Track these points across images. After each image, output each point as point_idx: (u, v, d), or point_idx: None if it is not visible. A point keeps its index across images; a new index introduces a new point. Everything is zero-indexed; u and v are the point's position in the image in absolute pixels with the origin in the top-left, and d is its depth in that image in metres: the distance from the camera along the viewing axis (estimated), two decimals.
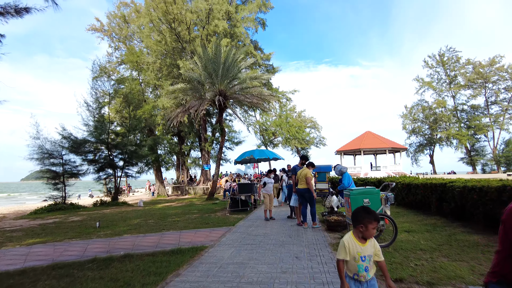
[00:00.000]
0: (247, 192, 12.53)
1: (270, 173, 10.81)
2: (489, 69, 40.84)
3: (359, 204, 5.94)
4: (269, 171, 10.65)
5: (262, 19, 27.00)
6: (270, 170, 10.59)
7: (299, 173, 8.37)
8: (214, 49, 19.61)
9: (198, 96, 19.49)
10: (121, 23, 29.41)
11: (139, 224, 11.42)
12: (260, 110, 32.97)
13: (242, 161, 15.45)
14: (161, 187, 28.66)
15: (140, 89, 25.88)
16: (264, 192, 10.10)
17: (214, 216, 12.33)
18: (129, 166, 21.43)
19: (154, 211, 16.26)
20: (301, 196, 8.31)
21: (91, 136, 19.64)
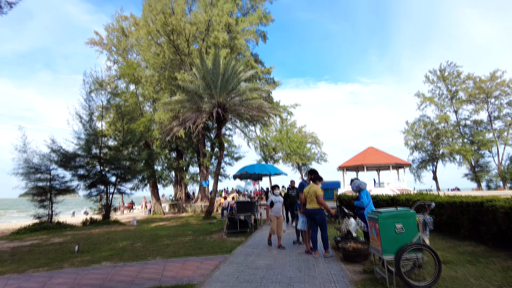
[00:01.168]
0: (246, 212, 11.06)
1: (275, 189, 8.53)
2: (491, 83, 39.91)
3: (390, 231, 4.53)
4: (273, 187, 8.85)
5: (263, 31, 26.21)
6: (274, 186, 8.82)
7: (307, 190, 6.98)
8: (213, 59, 18.54)
9: (195, 108, 18.25)
10: (120, 36, 28.56)
11: (124, 248, 9.92)
12: (260, 124, 31.87)
13: (242, 175, 14.01)
14: (157, 205, 27.06)
15: (137, 101, 24.69)
16: (272, 214, 8.09)
17: (209, 240, 10.82)
18: (122, 182, 19.95)
19: (145, 231, 14.72)
20: (310, 218, 6.88)
21: (82, 150, 18.28)
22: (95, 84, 19.45)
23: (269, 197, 8.44)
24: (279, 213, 8.08)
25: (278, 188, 8.57)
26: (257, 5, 25.94)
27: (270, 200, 8.22)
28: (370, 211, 5.19)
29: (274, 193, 8.27)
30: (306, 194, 6.96)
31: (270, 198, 8.26)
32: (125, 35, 28.73)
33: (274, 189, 8.41)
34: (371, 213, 4.93)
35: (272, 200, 8.20)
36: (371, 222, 4.90)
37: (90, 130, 18.99)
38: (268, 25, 25.84)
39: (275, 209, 8.11)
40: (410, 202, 10.57)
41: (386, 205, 11.84)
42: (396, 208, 4.78)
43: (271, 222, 8.19)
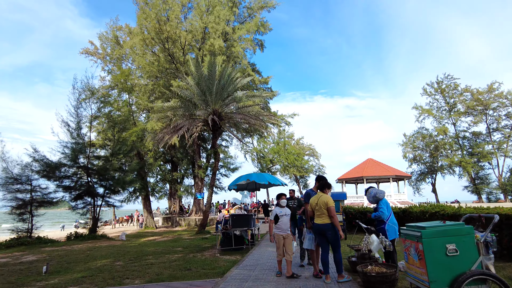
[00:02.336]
0: (242, 226, 9.67)
1: (280, 198, 6.59)
2: (488, 95, 39.22)
3: (439, 253, 3.24)
4: (279, 195, 6.84)
5: (260, 40, 25.29)
6: (280, 194, 7.03)
7: (315, 200, 5.68)
8: (208, 65, 17.45)
9: (188, 115, 17.02)
10: (114, 45, 27.57)
11: (102, 268, 8.47)
12: (257, 135, 30.68)
13: (237, 187, 12.58)
14: (150, 218, 25.44)
15: (129, 110, 23.43)
16: (278, 232, 6.15)
17: (200, 258, 9.39)
18: (110, 194, 18.47)
19: (132, 247, 13.22)
20: (320, 235, 5.55)
21: (67, 159, 16.89)
22: (85, 90, 18.22)
23: (272, 209, 6.53)
24: (287, 230, 6.16)
25: (285, 197, 6.81)
26: (254, 14, 25.15)
27: (273, 214, 6.19)
28: (406, 226, 3.89)
29: (280, 204, 6.41)
30: (314, 205, 5.66)
31: (273, 211, 6.25)
32: (119, 43, 27.75)
33: (279, 199, 6.61)
34: (409, 229, 3.63)
35: (276, 213, 6.18)
36: (409, 241, 3.60)
37: (78, 139, 17.66)
38: (266, 34, 25.01)
39: (281, 224, 6.14)
40: (426, 214, 9.27)
41: (397, 218, 10.51)
42: (443, 222, 3.48)
43: (276, 243, 6.17)
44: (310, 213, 5.81)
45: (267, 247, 10.12)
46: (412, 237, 3.52)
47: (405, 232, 3.73)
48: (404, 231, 3.76)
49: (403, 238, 3.78)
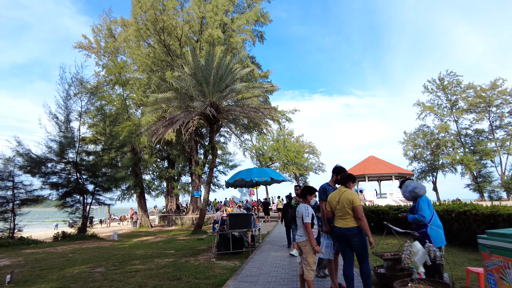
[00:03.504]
0: (241, 227, 8.37)
1: (312, 194, 4.72)
2: (491, 92, 38.00)
3: None
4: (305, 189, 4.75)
5: (260, 31, 23.96)
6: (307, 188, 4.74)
7: (335, 197, 4.38)
8: (206, 55, 16.15)
9: (184, 107, 15.71)
10: (108, 37, 26.19)
11: (77, 276, 7.17)
12: (257, 131, 29.35)
13: (236, 182, 11.24)
14: (145, 217, 24.11)
15: (123, 104, 22.09)
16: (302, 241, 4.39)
17: (193, 263, 8.09)
18: (101, 191, 17.14)
19: (120, 249, 11.92)
20: (342, 241, 4.25)
21: (54, 154, 15.55)
22: (75, 81, 16.85)
23: (305, 210, 4.37)
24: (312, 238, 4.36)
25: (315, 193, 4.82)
26: (253, 4, 23.81)
27: (310, 214, 4.32)
28: (489, 234, 2.59)
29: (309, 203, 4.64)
30: (334, 204, 4.35)
31: (309, 211, 4.36)
32: (113, 36, 26.38)
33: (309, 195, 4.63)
34: (502, 239, 2.32)
35: (313, 214, 4.42)
36: (503, 258, 2.30)
37: (67, 132, 16.31)
38: (266, 25, 23.69)
39: (316, 230, 4.50)
40: (452, 214, 7.99)
41: None
42: None
43: (306, 257, 4.28)
44: (329, 213, 4.50)
45: (270, 251, 8.82)
46: (507, 252, 2.24)
47: (491, 243, 2.45)
48: (489, 242, 2.48)
49: (485, 253, 2.51)
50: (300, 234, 4.47)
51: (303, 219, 4.42)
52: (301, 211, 4.48)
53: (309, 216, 4.39)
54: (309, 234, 4.32)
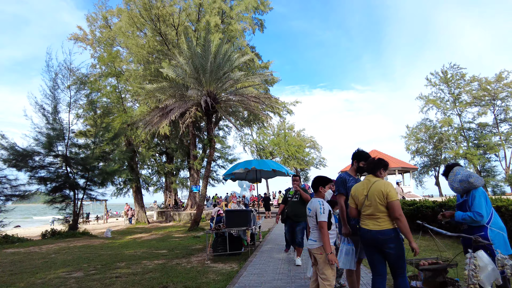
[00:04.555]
0: (240, 225, 7.26)
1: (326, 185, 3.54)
2: (496, 85, 36.73)
3: None
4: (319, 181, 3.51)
5: (260, 19, 22.69)
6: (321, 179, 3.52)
7: (361, 189, 3.25)
8: (202, 41, 14.96)
9: (179, 95, 14.56)
10: (103, 27, 24.92)
11: (49, 283, 6.11)
12: (257, 125, 28.20)
13: (235, 175, 10.06)
14: (141, 212, 23.04)
15: (117, 96, 20.93)
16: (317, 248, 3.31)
17: (184, 266, 7.01)
18: (92, 186, 16.05)
19: (109, 248, 10.84)
20: (372, 247, 3.13)
21: (41, 147, 14.44)
22: (62, 69, 15.67)
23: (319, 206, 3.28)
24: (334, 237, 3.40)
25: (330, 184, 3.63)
26: None
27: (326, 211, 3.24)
28: None
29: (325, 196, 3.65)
30: (360, 199, 3.22)
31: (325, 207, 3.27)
32: (109, 27, 25.11)
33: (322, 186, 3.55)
34: None
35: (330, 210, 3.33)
36: None
37: (55, 124, 15.18)
38: (266, 13, 22.44)
39: (334, 232, 3.44)
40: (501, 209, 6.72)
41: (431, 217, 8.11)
42: None
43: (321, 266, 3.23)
44: (353, 211, 3.37)
45: (272, 252, 7.72)
46: None
47: None
48: None
49: None
50: (314, 238, 3.35)
51: (316, 217, 3.30)
52: (314, 207, 3.35)
53: (325, 213, 3.27)
54: (324, 237, 3.19)
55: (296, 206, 6.43)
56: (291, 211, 6.46)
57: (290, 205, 6.51)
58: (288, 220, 6.59)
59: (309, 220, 3.50)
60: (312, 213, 3.38)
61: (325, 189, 3.52)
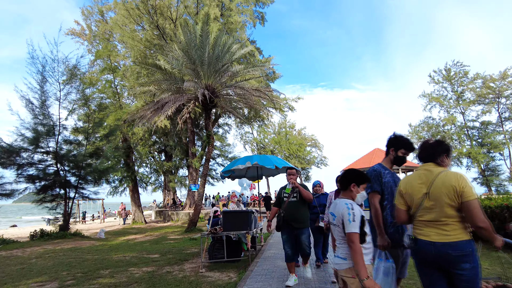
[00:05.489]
0: (239, 228, 6.27)
1: (362, 182, 2.51)
2: (501, 82, 35.71)
3: None
4: (355, 175, 2.51)
5: (261, 12, 21.68)
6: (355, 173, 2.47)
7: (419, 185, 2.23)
8: (200, 30, 13.97)
9: (174, 89, 13.57)
10: (98, 21, 23.93)
11: None
12: (258, 122, 27.22)
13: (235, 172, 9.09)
14: (138, 212, 22.04)
15: (112, 90, 19.93)
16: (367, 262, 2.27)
17: (176, 275, 6.03)
18: (84, 184, 15.06)
19: (96, 252, 9.85)
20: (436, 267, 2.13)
21: (28, 143, 13.46)
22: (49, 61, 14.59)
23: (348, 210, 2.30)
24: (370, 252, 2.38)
25: (368, 180, 2.58)
26: None
27: (358, 219, 2.25)
28: None
29: (356, 198, 2.53)
30: (416, 197, 2.22)
31: (356, 214, 2.26)
32: (106, 21, 24.12)
33: (354, 182, 2.50)
34: None
35: (363, 216, 2.30)
36: None
37: (43, 119, 14.19)
38: (267, 6, 21.44)
39: (369, 244, 2.37)
40: None
41: None
42: None
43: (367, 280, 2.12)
44: (402, 215, 2.36)
45: (276, 259, 6.71)
46: None
47: None
48: None
49: None
50: (343, 255, 2.35)
51: (344, 226, 2.30)
52: (340, 212, 2.36)
53: (356, 221, 2.27)
54: (356, 255, 2.19)
55: (296, 207, 4.82)
56: (289, 215, 4.80)
57: (288, 207, 4.84)
58: (286, 226, 4.84)
59: (333, 229, 2.51)
60: (338, 221, 2.38)
61: (359, 189, 2.52)
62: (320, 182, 5.84)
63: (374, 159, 30.58)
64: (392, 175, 2.90)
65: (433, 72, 40.65)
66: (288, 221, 4.80)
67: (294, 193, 4.85)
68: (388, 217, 2.77)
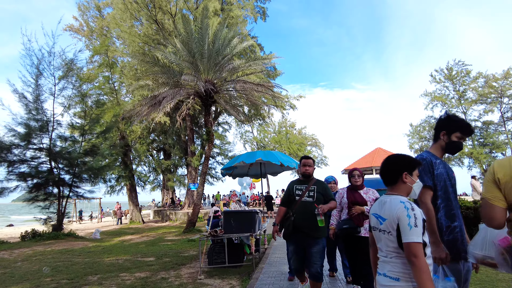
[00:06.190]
0: (242, 230, 5.60)
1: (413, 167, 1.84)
2: (504, 82, 35.12)
3: None
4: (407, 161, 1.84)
5: (263, 7, 21.01)
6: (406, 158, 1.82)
7: None
8: (200, 22, 13.32)
9: (173, 83, 12.90)
10: (95, 17, 23.24)
11: None
12: (258, 120, 26.57)
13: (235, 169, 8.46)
14: (136, 211, 21.34)
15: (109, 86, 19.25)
16: None
17: (171, 283, 5.36)
18: (78, 183, 14.38)
19: (88, 254, 9.15)
20: None
21: (19, 139, 12.78)
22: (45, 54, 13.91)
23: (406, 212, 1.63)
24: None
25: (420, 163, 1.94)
26: None
27: (418, 221, 1.60)
28: None
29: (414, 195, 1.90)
30: None
31: (415, 214, 1.60)
32: (101, 14, 23.43)
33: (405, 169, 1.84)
34: None
35: (423, 218, 1.64)
36: None
37: (37, 114, 13.50)
38: (268, 1, 20.77)
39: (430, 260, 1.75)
40: None
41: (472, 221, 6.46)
42: None
43: None
44: (498, 216, 1.63)
45: (282, 264, 6.03)
46: None
47: None
48: None
49: None
50: (395, 274, 1.69)
51: (400, 233, 1.64)
52: (395, 214, 1.71)
53: (419, 227, 1.61)
54: (422, 275, 1.54)
55: (311, 210, 3.51)
56: (302, 219, 3.58)
57: (300, 209, 3.62)
58: (296, 234, 3.64)
59: (377, 236, 1.84)
60: (389, 225, 1.72)
61: (412, 178, 1.85)
62: (334, 178, 5.04)
63: (376, 159, 29.94)
64: (444, 166, 2.24)
65: (434, 72, 40.02)
66: (299, 227, 3.58)
67: (310, 191, 3.64)
68: (442, 220, 2.11)
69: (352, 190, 4.00)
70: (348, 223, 3.77)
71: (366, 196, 3.91)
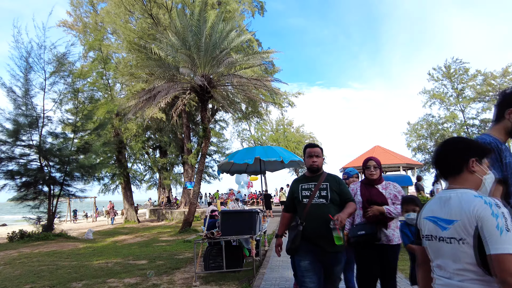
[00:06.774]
0: (241, 232, 5.05)
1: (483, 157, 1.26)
2: (502, 80, 34.87)
3: None
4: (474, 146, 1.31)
5: (261, 1, 20.38)
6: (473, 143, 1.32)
7: None
8: (197, 15, 12.73)
9: (169, 77, 12.32)
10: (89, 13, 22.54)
11: None
12: (256, 117, 26.06)
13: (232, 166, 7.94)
14: (131, 211, 20.71)
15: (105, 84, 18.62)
16: None
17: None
18: (70, 181, 13.75)
19: (76, 257, 8.56)
20: None
21: (6, 135, 12.14)
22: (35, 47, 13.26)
23: (490, 211, 1.14)
24: None
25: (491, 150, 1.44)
26: None
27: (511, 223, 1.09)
28: None
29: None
30: None
31: (504, 214, 1.09)
32: (95, 9, 22.72)
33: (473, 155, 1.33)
34: None
35: None
36: None
37: (26, 110, 12.86)
38: None
39: None
40: None
41: None
42: None
43: None
44: None
45: (285, 269, 5.48)
46: None
47: None
48: None
49: None
50: None
51: (483, 241, 1.10)
52: (475, 214, 1.21)
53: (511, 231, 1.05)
54: None
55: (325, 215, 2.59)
56: (314, 228, 2.64)
57: (311, 215, 2.68)
58: (308, 248, 2.67)
59: (435, 249, 1.31)
60: (460, 230, 1.19)
61: (483, 167, 1.32)
62: (357, 171, 4.17)
63: (375, 155, 29.41)
64: (510, 153, 1.70)
65: (432, 70, 39.74)
66: (311, 238, 2.64)
67: (322, 189, 2.73)
68: None
69: (367, 186, 3.08)
70: (364, 228, 2.90)
71: (386, 192, 3.01)
